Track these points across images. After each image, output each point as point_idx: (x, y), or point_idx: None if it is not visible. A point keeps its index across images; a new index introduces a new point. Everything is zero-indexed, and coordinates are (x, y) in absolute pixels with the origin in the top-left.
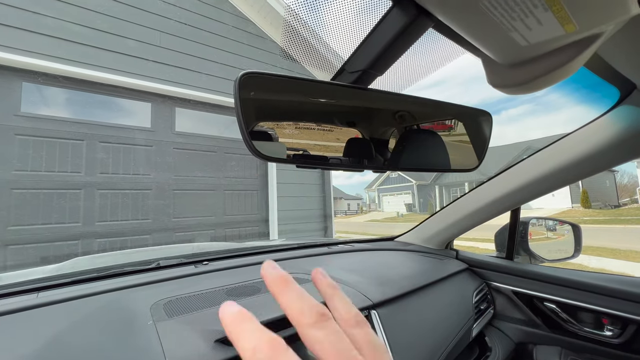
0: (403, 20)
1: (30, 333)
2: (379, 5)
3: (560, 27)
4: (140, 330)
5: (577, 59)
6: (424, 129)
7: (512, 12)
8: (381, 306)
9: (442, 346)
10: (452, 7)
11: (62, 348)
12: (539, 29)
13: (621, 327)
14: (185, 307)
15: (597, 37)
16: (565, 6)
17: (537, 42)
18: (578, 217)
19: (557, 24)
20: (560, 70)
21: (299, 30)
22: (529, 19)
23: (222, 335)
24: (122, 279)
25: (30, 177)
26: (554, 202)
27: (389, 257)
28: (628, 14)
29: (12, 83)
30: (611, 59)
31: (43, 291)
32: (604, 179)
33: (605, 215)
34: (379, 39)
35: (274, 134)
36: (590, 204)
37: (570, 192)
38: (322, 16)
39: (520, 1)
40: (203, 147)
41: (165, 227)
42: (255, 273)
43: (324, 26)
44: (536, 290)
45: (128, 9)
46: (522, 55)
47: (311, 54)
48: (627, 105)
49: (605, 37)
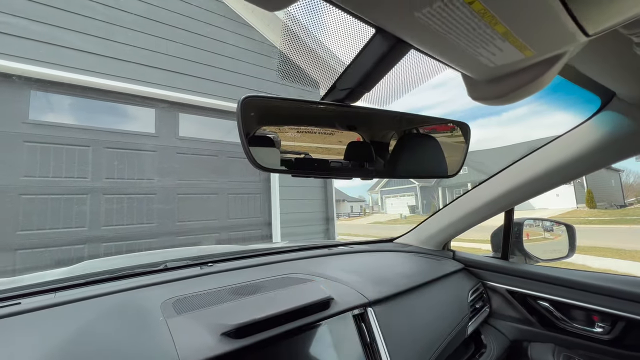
0: (385, 45)
1: (52, 329)
2: (364, 31)
3: (520, 53)
4: (153, 326)
5: (546, 74)
6: (421, 134)
7: (475, 42)
8: (377, 304)
9: (437, 342)
10: (423, 38)
11: (83, 341)
12: (501, 54)
13: (611, 324)
14: (192, 304)
15: (560, 56)
16: (519, 38)
17: (503, 64)
18: (583, 217)
19: (515, 50)
20: (532, 84)
21: (298, 36)
22: (490, 47)
23: (228, 329)
24: (133, 279)
25: (38, 183)
26: (558, 202)
27: (386, 258)
28: (577, 41)
29: (21, 91)
30: (587, 70)
31: (60, 291)
32: (609, 178)
33: (611, 215)
34: (365, 61)
35: (275, 138)
36: (596, 204)
37: (575, 192)
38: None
39: (479, 35)
40: (206, 152)
41: (170, 231)
42: (258, 273)
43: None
44: (530, 289)
45: (131, 17)
46: (493, 73)
47: (308, 64)
48: (609, 111)
49: (569, 55)
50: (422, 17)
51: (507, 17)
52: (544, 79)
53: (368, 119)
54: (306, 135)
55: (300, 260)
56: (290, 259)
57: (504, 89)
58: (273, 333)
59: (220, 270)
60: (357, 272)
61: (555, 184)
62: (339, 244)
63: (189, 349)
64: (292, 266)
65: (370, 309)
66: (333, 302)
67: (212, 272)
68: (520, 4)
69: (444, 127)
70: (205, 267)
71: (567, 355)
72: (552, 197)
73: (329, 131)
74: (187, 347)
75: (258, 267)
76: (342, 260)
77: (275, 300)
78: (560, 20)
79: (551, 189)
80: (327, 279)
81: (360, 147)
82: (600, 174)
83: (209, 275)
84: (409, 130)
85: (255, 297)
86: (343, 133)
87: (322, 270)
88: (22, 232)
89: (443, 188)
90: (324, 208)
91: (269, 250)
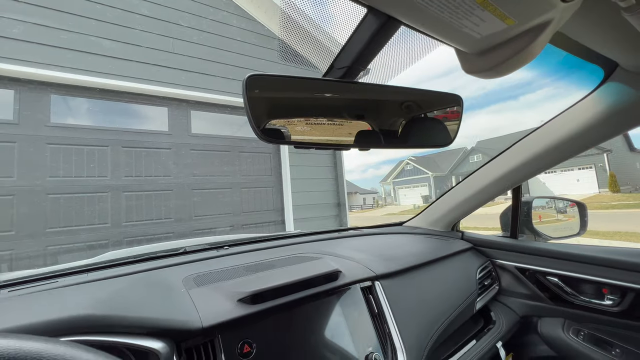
0: (377, 23)
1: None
2: (357, 11)
3: (502, 22)
4: (176, 295)
5: (533, 44)
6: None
7: (457, 14)
8: (385, 278)
9: (444, 315)
10: (410, 14)
11: (112, 304)
12: (484, 24)
13: (620, 295)
14: (211, 279)
15: (545, 25)
16: (497, 6)
17: (489, 34)
18: (606, 202)
19: (497, 19)
20: (522, 54)
21: (296, 22)
22: (472, 18)
23: (244, 296)
24: (156, 262)
25: (62, 182)
26: (579, 187)
27: (395, 239)
28: (555, 7)
29: (42, 96)
30: (585, 41)
31: (91, 272)
32: (634, 161)
33: (636, 199)
34: (359, 39)
35: (284, 131)
36: (619, 188)
37: (597, 177)
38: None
39: (460, 5)
40: (218, 147)
41: (187, 225)
42: (271, 254)
43: (315, 26)
44: (539, 265)
45: (141, 18)
46: (481, 45)
47: (307, 46)
48: (612, 82)
49: (556, 24)
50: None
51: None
52: (532, 48)
53: (376, 99)
54: (316, 126)
55: (311, 242)
56: (301, 242)
57: (494, 61)
58: (285, 300)
59: (236, 253)
60: (365, 251)
61: (561, 159)
62: (349, 228)
63: (210, 312)
64: (303, 247)
65: (378, 282)
66: (341, 274)
67: (228, 254)
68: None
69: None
70: (222, 250)
71: (576, 329)
72: (573, 181)
73: (338, 121)
74: (207, 311)
75: (271, 249)
76: (352, 241)
77: (286, 273)
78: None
79: (557, 164)
80: (337, 257)
81: (370, 135)
82: (624, 157)
83: (225, 256)
84: (417, 116)
85: (269, 272)
86: (352, 123)
87: (332, 250)
88: (51, 230)
89: (457, 176)
90: (336, 199)
91: (281, 235)
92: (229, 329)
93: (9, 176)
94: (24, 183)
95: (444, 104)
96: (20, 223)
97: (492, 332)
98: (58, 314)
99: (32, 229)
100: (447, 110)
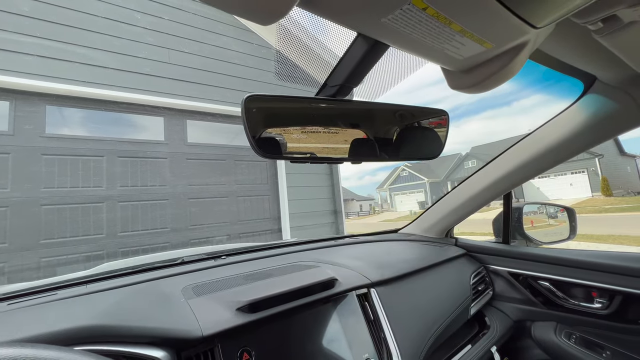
0: (366, 45)
1: (86, 311)
2: (349, 34)
3: (480, 46)
4: (176, 305)
5: (512, 63)
6: (416, 126)
7: (439, 39)
8: (380, 285)
9: (439, 321)
10: (395, 39)
11: (113, 316)
12: (465, 47)
13: (609, 298)
14: (210, 288)
15: (521, 46)
16: (474, 33)
17: (470, 56)
18: (599, 205)
19: (475, 44)
20: (503, 71)
21: (292, 43)
22: (453, 43)
23: (242, 305)
24: (154, 272)
25: (57, 193)
26: (572, 192)
27: (390, 246)
28: (527, 33)
29: (37, 107)
30: (564, 57)
31: (90, 283)
32: (625, 165)
33: (628, 202)
34: (350, 59)
35: (280, 139)
36: (612, 192)
37: (590, 181)
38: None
39: (440, 33)
40: (214, 156)
41: (183, 235)
42: (269, 263)
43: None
44: (531, 270)
45: (136, 29)
46: (465, 64)
47: (302, 60)
48: (592, 94)
49: (532, 45)
50: (388, 22)
51: (459, 17)
52: (512, 67)
53: (367, 115)
54: (311, 135)
55: (308, 251)
56: (298, 250)
57: (478, 78)
58: (283, 308)
59: (233, 262)
60: (361, 259)
61: (548, 166)
62: (345, 236)
63: (209, 321)
64: (300, 256)
65: (373, 289)
66: (337, 282)
67: (226, 264)
68: (467, 7)
69: (435, 121)
70: (219, 260)
71: (568, 332)
72: (566, 186)
73: (333, 130)
74: (207, 320)
75: (268, 258)
76: (348, 249)
77: (284, 281)
78: (503, 18)
79: (545, 171)
80: (333, 265)
81: (365, 143)
82: (615, 161)
83: (223, 266)
84: (410, 125)
85: (266, 281)
86: (347, 131)
87: (329, 258)
88: (45, 241)
89: (452, 182)
90: (333, 207)
91: (278, 244)
92: (229, 337)
93: (2, 188)
94: (18, 194)
95: (431, 118)
96: (13, 235)
97: (486, 337)
98: (63, 325)
99: (26, 240)
100: (434, 124)
